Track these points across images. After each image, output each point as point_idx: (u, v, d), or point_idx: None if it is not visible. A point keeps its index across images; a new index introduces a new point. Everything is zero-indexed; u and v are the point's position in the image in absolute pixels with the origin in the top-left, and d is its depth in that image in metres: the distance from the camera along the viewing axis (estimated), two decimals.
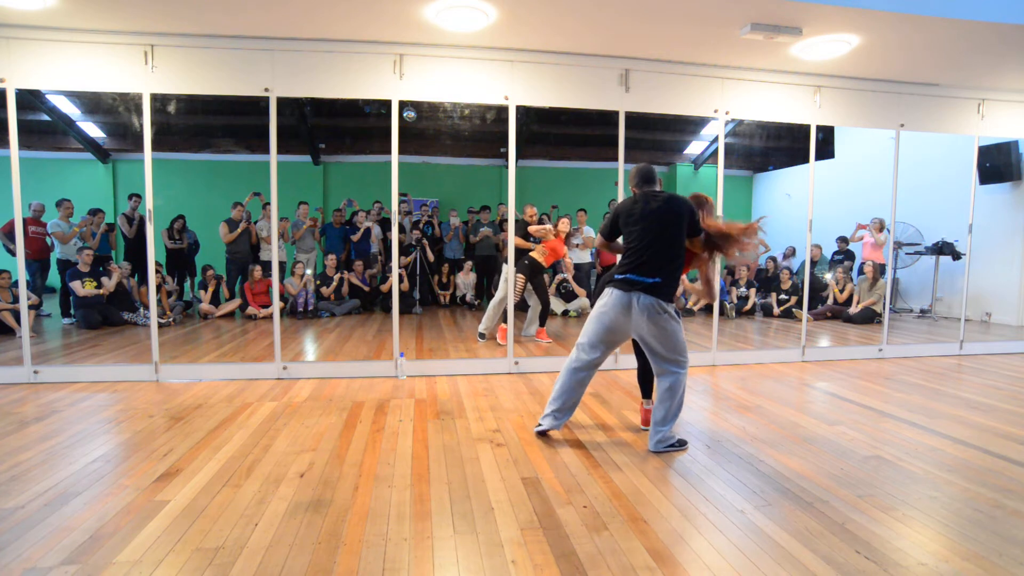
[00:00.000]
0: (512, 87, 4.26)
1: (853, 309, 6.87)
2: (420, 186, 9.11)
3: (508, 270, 4.78)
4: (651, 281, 2.71)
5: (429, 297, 7.84)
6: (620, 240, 2.96)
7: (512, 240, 4.78)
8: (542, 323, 5.39)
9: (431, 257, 7.73)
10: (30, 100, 7.07)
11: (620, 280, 2.78)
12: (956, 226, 5.88)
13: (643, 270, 2.73)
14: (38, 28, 3.78)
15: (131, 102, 6.59)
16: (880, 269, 6.81)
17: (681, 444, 2.85)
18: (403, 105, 4.31)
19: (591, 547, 1.92)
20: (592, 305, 2.96)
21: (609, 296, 2.80)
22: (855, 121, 4.98)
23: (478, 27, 3.77)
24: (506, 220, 6.71)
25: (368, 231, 7.58)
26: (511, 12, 3.57)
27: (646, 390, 3.14)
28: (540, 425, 2.95)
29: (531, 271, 5.29)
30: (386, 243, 7.72)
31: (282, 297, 6.68)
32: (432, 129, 8.59)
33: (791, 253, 8.07)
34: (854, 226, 7.32)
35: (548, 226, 5.35)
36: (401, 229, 7.19)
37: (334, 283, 7.13)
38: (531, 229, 5.27)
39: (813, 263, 7.15)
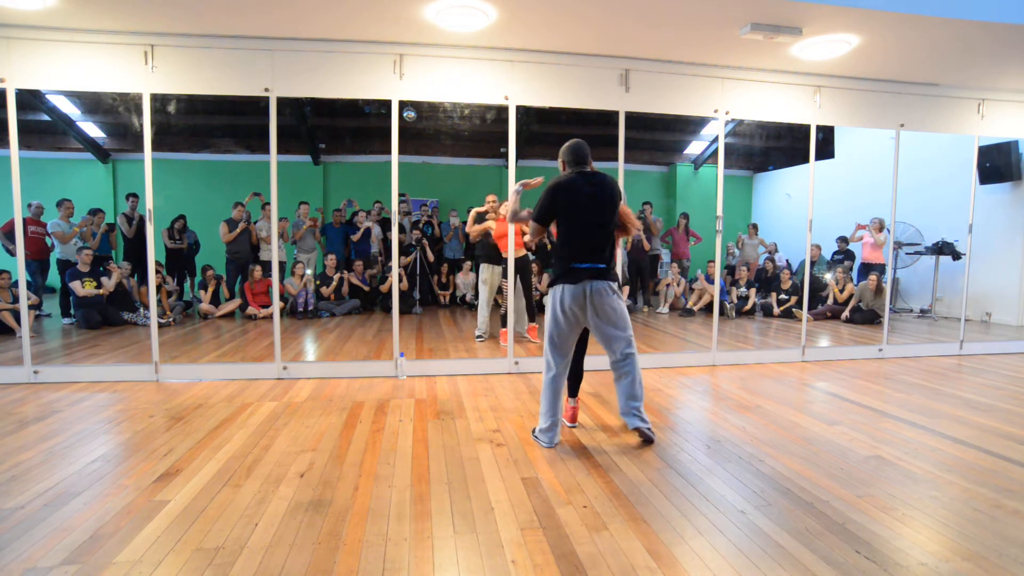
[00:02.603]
0: (512, 87, 4.25)
1: (848, 309, 6.87)
2: (420, 186, 9.11)
3: (508, 280, 4.79)
4: (600, 267, 2.67)
5: (429, 297, 7.84)
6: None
7: (513, 236, 4.75)
8: (531, 318, 5.31)
9: (431, 257, 7.73)
10: (30, 100, 7.07)
11: (566, 272, 2.70)
12: (956, 226, 5.88)
13: (588, 256, 2.69)
14: (38, 28, 3.78)
15: (131, 102, 6.58)
16: (881, 269, 6.80)
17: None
18: (403, 105, 4.31)
19: (591, 547, 1.92)
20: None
21: (560, 294, 2.70)
22: (855, 121, 4.98)
23: (478, 27, 3.77)
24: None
25: (368, 231, 7.58)
26: (511, 12, 3.57)
27: (574, 388, 3.13)
28: (539, 439, 2.86)
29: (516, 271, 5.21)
30: (386, 243, 7.72)
31: (282, 297, 6.68)
32: (432, 129, 8.59)
33: (774, 249, 8.07)
34: (854, 226, 7.32)
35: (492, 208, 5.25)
36: (401, 229, 7.19)
37: (334, 283, 7.13)
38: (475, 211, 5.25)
39: (812, 263, 7.15)
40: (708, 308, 7.19)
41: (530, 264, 5.40)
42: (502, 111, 4.30)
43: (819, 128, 4.87)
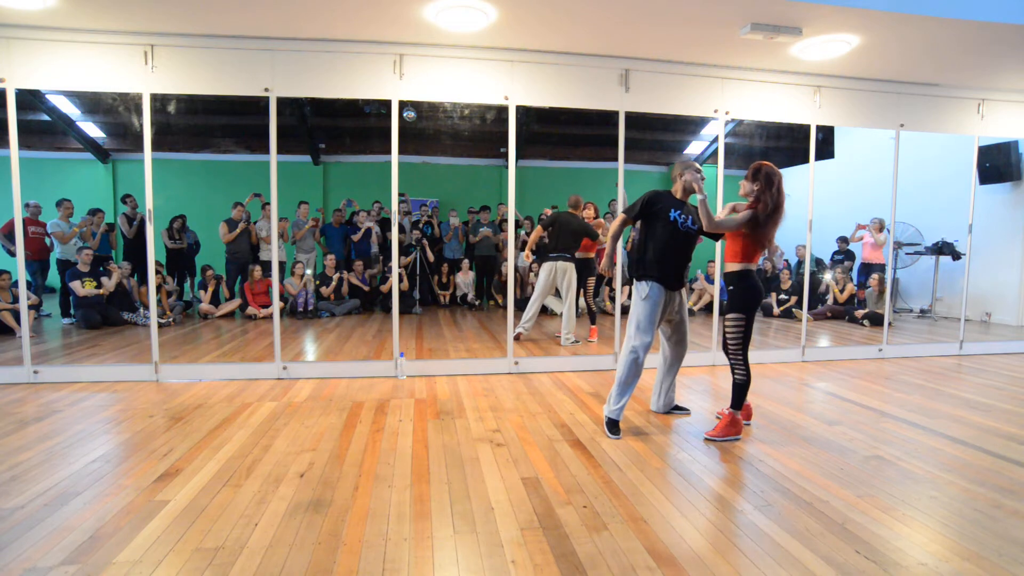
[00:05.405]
0: (512, 87, 4.25)
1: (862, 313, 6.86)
2: (420, 186, 9.11)
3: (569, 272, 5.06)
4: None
5: (429, 297, 7.84)
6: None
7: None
8: (592, 321, 5.54)
9: (431, 257, 7.73)
10: (30, 100, 7.06)
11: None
12: (956, 226, 5.87)
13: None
14: (38, 28, 3.78)
15: (131, 102, 6.58)
16: (881, 270, 6.80)
17: (611, 426, 3.02)
18: (403, 105, 4.30)
19: (591, 547, 1.92)
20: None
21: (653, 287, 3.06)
22: (855, 121, 4.98)
23: (478, 27, 3.77)
24: (506, 220, 6.71)
25: (368, 231, 7.58)
26: (511, 12, 3.57)
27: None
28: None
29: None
30: (386, 243, 7.72)
31: (282, 297, 6.68)
32: (432, 129, 8.59)
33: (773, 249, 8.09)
34: (854, 226, 7.32)
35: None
36: (401, 229, 7.19)
37: (334, 283, 7.13)
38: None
39: (801, 261, 7.14)
40: (708, 308, 7.18)
41: (592, 266, 5.53)
42: (502, 111, 4.30)
43: (819, 128, 4.87)
